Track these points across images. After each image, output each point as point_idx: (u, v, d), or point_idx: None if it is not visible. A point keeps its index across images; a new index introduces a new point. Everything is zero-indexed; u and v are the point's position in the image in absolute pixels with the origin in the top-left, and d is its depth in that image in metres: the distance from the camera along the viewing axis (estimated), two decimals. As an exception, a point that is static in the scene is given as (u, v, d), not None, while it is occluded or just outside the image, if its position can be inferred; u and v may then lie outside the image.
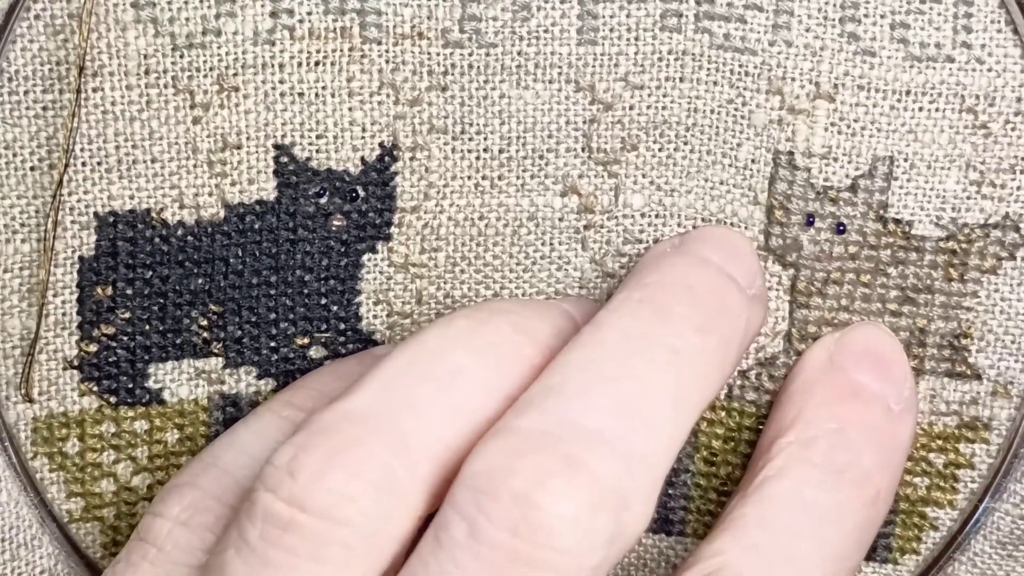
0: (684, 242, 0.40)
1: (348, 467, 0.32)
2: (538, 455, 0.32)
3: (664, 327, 0.36)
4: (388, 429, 0.33)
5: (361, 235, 0.41)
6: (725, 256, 0.39)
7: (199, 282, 0.40)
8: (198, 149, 0.40)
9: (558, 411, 0.34)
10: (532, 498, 0.32)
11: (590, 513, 0.32)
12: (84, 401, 0.41)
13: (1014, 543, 0.42)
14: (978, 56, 0.39)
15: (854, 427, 0.39)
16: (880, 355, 0.40)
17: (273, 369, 0.41)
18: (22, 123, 0.39)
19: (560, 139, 0.40)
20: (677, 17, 0.40)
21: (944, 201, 0.40)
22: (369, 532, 0.32)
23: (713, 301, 0.38)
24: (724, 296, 0.38)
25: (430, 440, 0.33)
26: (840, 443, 0.38)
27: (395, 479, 0.33)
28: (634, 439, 0.34)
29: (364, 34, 0.39)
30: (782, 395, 0.41)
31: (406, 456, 0.33)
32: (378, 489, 0.32)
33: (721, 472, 0.43)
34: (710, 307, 0.37)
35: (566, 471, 0.32)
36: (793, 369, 0.41)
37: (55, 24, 0.38)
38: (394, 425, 0.33)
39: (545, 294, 0.42)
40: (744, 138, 0.40)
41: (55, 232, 0.39)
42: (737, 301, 0.39)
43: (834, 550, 0.37)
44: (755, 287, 0.40)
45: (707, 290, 0.38)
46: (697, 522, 0.43)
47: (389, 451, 0.33)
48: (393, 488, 0.33)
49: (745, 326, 0.39)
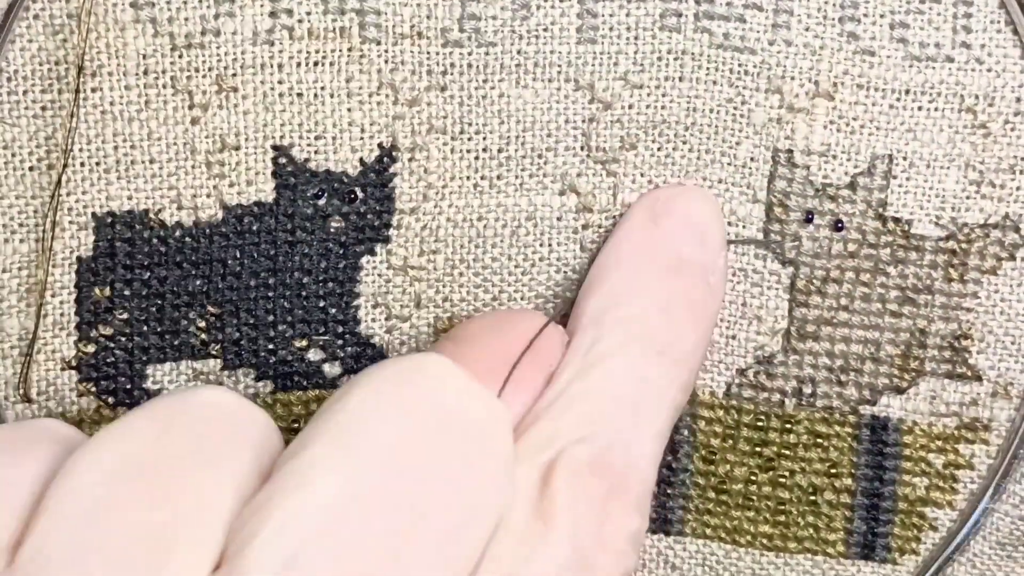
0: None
1: None
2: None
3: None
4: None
5: (360, 237, 0.41)
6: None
7: (197, 283, 0.40)
8: (196, 150, 0.39)
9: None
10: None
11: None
12: (82, 402, 0.41)
13: (1013, 544, 0.42)
14: (977, 56, 0.39)
15: (678, 304, 0.39)
16: (703, 225, 0.40)
17: (271, 371, 0.41)
18: (21, 123, 0.39)
19: (559, 138, 0.40)
20: (677, 16, 0.40)
21: (943, 201, 0.40)
22: None
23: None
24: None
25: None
26: (667, 322, 0.39)
27: None
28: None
29: (363, 34, 0.39)
30: (608, 257, 0.40)
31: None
32: None
33: (719, 470, 0.43)
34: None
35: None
36: (618, 229, 0.41)
37: (54, 24, 0.38)
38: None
39: (544, 297, 0.41)
40: (743, 136, 0.40)
41: (53, 232, 0.39)
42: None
43: (661, 427, 0.38)
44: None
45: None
46: (696, 521, 0.43)
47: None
48: None
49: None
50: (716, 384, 0.42)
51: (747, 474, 0.43)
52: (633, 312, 0.39)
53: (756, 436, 0.42)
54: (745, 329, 0.42)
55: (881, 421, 0.42)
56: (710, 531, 0.43)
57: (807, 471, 0.43)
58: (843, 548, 0.43)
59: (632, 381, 0.38)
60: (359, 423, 0.33)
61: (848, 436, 0.42)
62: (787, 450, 0.42)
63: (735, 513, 0.43)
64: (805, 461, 0.43)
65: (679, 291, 0.39)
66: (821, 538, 0.43)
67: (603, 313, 0.39)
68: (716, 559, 0.43)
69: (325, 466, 0.32)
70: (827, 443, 0.42)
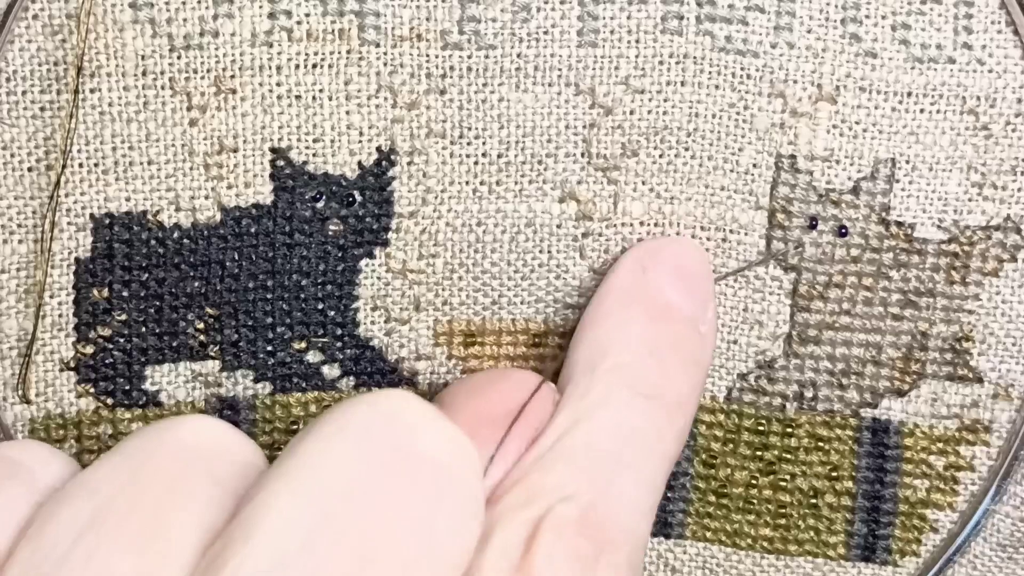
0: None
1: None
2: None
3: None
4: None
5: (358, 240, 0.41)
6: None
7: (195, 285, 0.40)
8: (195, 151, 0.39)
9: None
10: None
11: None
12: (81, 403, 0.41)
13: (1014, 545, 0.42)
14: (979, 57, 0.39)
15: (669, 351, 0.39)
16: (691, 274, 0.40)
17: (270, 373, 0.41)
18: (20, 123, 0.39)
19: (559, 144, 0.40)
20: (678, 19, 0.39)
21: (946, 203, 0.40)
22: None
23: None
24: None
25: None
26: (655, 367, 0.38)
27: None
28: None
29: (362, 36, 0.39)
30: (598, 308, 0.40)
31: None
32: None
33: (720, 474, 0.43)
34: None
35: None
36: (606, 280, 0.41)
37: (53, 24, 0.38)
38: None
39: (544, 302, 0.41)
40: (746, 142, 0.40)
41: (52, 233, 0.39)
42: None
43: (653, 475, 0.37)
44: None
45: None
46: (696, 524, 0.43)
47: None
48: None
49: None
50: (717, 388, 0.42)
51: (748, 477, 0.43)
52: (622, 360, 0.38)
53: (757, 440, 0.42)
54: (746, 334, 0.42)
55: (882, 424, 0.42)
56: (710, 534, 0.43)
57: (808, 474, 0.43)
58: (844, 550, 0.43)
59: (620, 433, 0.37)
60: (311, 463, 0.32)
61: (849, 439, 0.42)
62: (788, 453, 0.42)
63: (736, 516, 0.43)
64: (806, 464, 0.43)
65: (668, 337, 0.39)
66: (822, 541, 0.43)
67: (593, 363, 0.38)
68: (716, 562, 0.43)
69: (276, 511, 0.32)
70: (828, 446, 0.42)
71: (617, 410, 0.38)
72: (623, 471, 0.37)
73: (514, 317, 0.42)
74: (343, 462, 0.33)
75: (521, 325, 0.42)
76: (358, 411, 0.34)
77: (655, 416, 0.38)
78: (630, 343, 0.39)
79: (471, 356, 0.42)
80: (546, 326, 0.42)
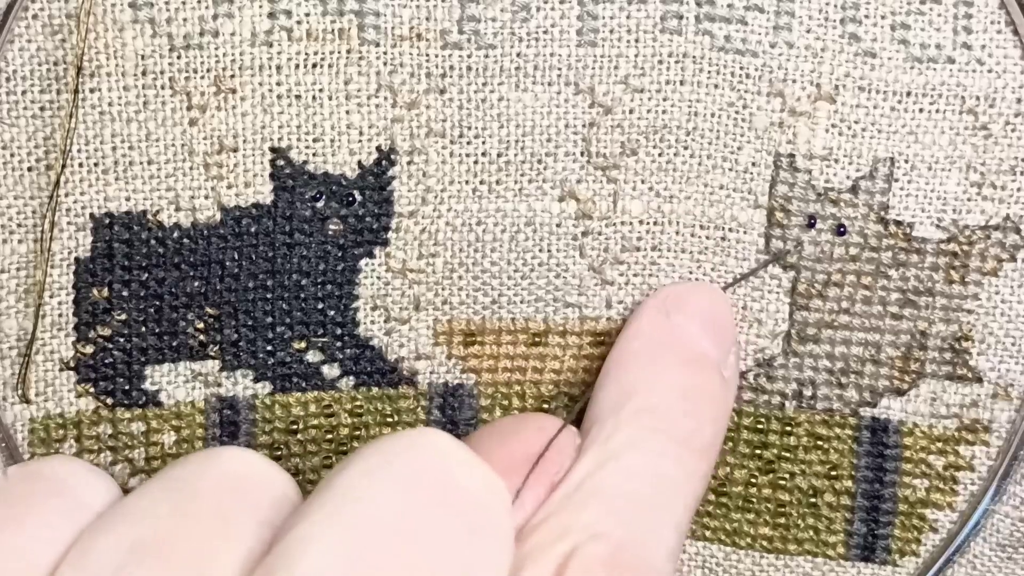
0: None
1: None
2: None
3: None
4: None
5: (358, 240, 0.41)
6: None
7: (195, 284, 0.40)
8: (194, 151, 0.39)
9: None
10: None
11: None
12: (81, 402, 0.41)
13: (1014, 545, 0.42)
14: (978, 57, 0.39)
15: (695, 395, 0.39)
16: (716, 320, 0.41)
17: (269, 372, 0.41)
18: (20, 123, 0.39)
19: (559, 143, 0.40)
20: (678, 19, 0.39)
21: (945, 203, 0.40)
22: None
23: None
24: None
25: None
26: (685, 414, 0.39)
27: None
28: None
29: (362, 35, 0.39)
30: (624, 352, 0.40)
31: None
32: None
33: (719, 473, 0.43)
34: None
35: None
36: (630, 325, 0.41)
37: (53, 24, 0.38)
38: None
39: (544, 301, 0.41)
40: (745, 141, 0.40)
41: (52, 233, 0.39)
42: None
43: (680, 519, 0.38)
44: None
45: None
46: (696, 523, 0.43)
47: None
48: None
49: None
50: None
51: (747, 476, 0.43)
52: (651, 403, 0.39)
53: (756, 438, 0.42)
54: (745, 332, 0.42)
55: (881, 423, 0.42)
56: (710, 533, 0.43)
57: (807, 473, 0.43)
58: (843, 550, 0.43)
59: (649, 476, 0.37)
60: (352, 498, 0.33)
61: (848, 438, 0.42)
62: (787, 452, 0.42)
63: (735, 515, 0.43)
64: (805, 463, 0.43)
65: (697, 384, 0.39)
66: (821, 540, 0.43)
67: (620, 405, 0.39)
68: (716, 561, 0.43)
69: (317, 544, 0.32)
70: (827, 445, 0.42)
71: (647, 454, 0.38)
72: (653, 514, 0.37)
73: (514, 316, 0.42)
74: (383, 497, 0.33)
75: (521, 324, 0.42)
76: (397, 446, 0.34)
77: (685, 461, 0.38)
78: (658, 388, 0.39)
79: (471, 355, 0.42)
80: (546, 325, 0.42)
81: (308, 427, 0.42)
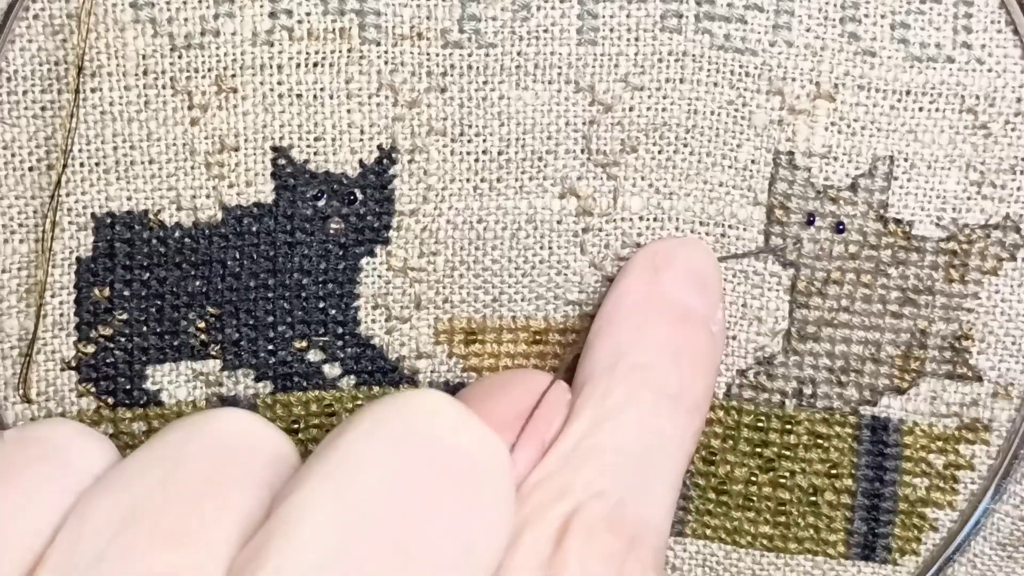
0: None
1: None
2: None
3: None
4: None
5: (359, 238, 0.41)
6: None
7: (196, 284, 0.40)
8: (196, 151, 0.39)
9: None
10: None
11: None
12: (82, 402, 0.41)
13: (1014, 544, 0.42)
14: (978, 56, 0.39)
15: (687, 352, 0.39)
16: (704, 276, 0.41)
17: (271, 372, 0.41)
18: (21, 123, 0.39)
19: (559, 141, 0.40)
20: (677, 17, 0.40)
21: (944, 201, 0.40)
22: None
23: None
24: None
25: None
26: (677, 371, 0.39)
27: None
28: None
29: (363, 35, 0.39)
30: (614, 310, 0.40)
31: None
32: None
33: (720, 471, 0.43)
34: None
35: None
36: (620, 282, 0.41)
37: (54, 24, 0.38)
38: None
39: (545, 299, 0.41)
40: (744, 139, 0.40)
41: (53, 233, 0.39)
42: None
43: (675, 476, 0.38)
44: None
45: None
46: (696, 522, 0.43)
47: None
48: None
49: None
50: (716, 385, 0.42)
51: (747, 475, 0.43)
52: (644, 360, 0.39)
53: (756, 437, 0.42)
54: (745, 330, 0.42)
55: (881, 422, 0.42)
56: (710, 532, 0.43)
57: (807, 472, 0.43)
58: (843, 549, 0.43)
59: (646, 434, 0.38)
60: (350, 461, 0.33)
61: (848, 437, 0.42)
62: (787, 451, 0.42)
63: (735, 514, 0.43)
64: (805, 462, 0.43)
65: (687, 340, 0.39)
66: (821, 539, 0.43)
67: (614, 362, 0.39)
68: (716, 560, 0.43)
69: (316, 509, 0.32)
70: (827, 444, 0.42)
71: (643, 411, 0.38)
72: (650, 470, 0.37)
73: (515, 314, 0.42)
74: (381, 460, 0.33)
75: (522, 322, 0.42)
76: (394, 409, 0.34)
77: (678, 417, 0.38)
78: (650, 345, 0.39)
79: (472, 354, 0.42)
80: (547, 323, 0.42)
81: (309, 426, 0.42)
